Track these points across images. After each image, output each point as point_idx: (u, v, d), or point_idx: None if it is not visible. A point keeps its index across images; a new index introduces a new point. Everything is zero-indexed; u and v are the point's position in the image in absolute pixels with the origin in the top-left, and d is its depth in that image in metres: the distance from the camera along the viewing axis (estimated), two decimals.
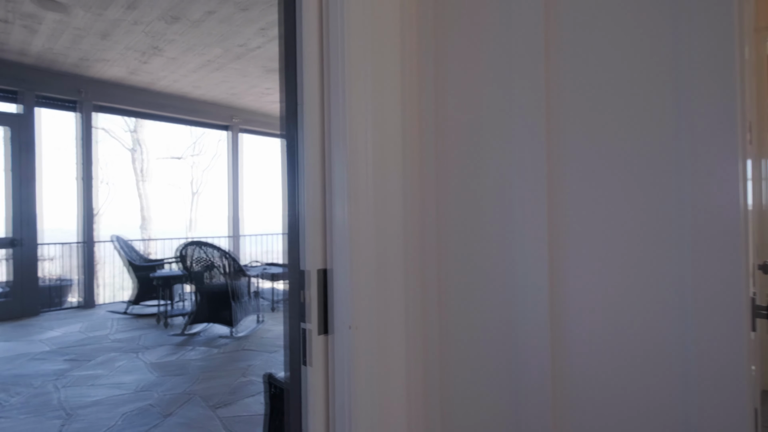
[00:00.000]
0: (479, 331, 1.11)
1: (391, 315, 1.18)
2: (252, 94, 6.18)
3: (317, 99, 1.14)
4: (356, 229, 1.09)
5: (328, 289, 1.13)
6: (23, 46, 4.51)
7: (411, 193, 1.23)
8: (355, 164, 1.09)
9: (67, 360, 3.63)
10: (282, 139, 1.28)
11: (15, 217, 5.05)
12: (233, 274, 4.12)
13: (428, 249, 1.23)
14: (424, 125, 1.22)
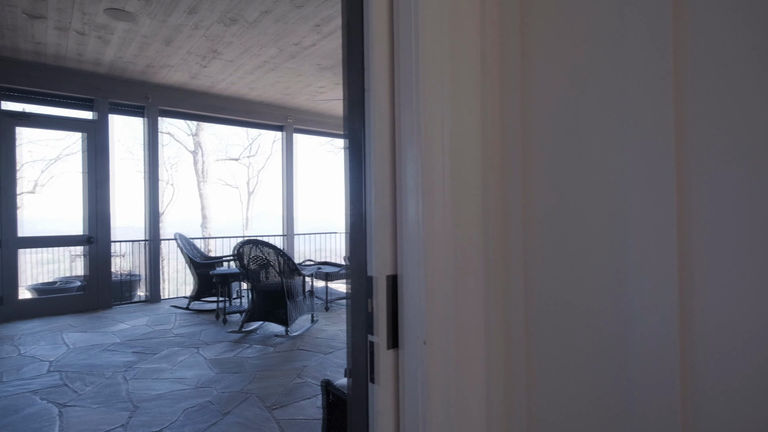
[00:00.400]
0: (577, 349, 0.94)
1: (470, 329, 1.03)
2: (305, 94, 6.23)
3: (386, 84, 1.02)
4: (430, 230, 0.96)
5: (398, 297, 1.01)
6: (97, 56, 4.80)
7: (492, 190, 1.07)
8: (430, 156, 0.95)
9: (135, 352, 3.79)
10: (344, 139, 1.18)
11: (90, 217, 5.40)
12: (288, 273, 4.13)
13: (512, 252, 1.07)
14: (508, 115, 1.06)
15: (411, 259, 0.98)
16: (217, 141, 22.51)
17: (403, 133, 0.98)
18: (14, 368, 3.42)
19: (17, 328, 4.59)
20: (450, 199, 0.99)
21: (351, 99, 1.20)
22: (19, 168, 13.73)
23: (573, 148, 0.92)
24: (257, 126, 7.04)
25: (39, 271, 9.38)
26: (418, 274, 0.96)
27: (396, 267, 1.02)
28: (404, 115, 0.98)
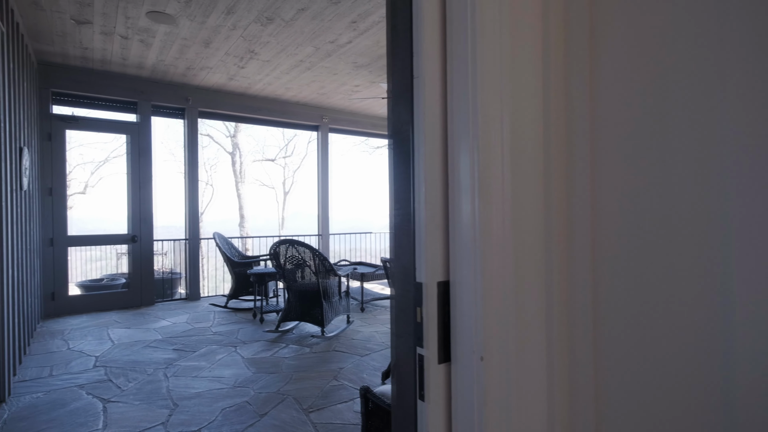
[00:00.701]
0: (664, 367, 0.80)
1: (531, 342, 0.91)
2: (341, 93, 6.20)
3: (437, 69, 0.91)
4: (487, 232, 0.85)
5: (451, 306, 0.90)
6: (140, 60, 4.94)
7: (554, 190, 0.95)
8: (488, 149, 0.84)
9: (175, 350, 3.86)
10: (388, 134, 1.08)
11: (134, 216, 5.58)
12: (324, 273, 4.10)
13: (578, 257, 0.94)
14: (574, 105, 0.93)
15: (465, 264, 0.87)
16: (254, 142, 23.06)
17: (457, 124, 0.88)
18: (63, 362, 3.55)
19: (67, 323, 4.79)
20: (509, 198, 0.87)
21: (396, 89, 1.10)
22: (70, 170, 14.46)
23: (658, 147, 0.78)
24: (293, 126, 7.09)
25: (90, 267, 9.85)
26: (473, 281, 0.86)
27: (448, 272, 0.92)
28: (457, 103, 0.88)
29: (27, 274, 4.01)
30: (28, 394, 2.94)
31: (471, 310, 0.84)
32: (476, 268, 0.84)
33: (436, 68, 0.92)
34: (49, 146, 5.10)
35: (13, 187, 3.34)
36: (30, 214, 4.22)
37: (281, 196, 18.23)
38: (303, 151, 19.87)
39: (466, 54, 0.86)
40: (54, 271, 5.11)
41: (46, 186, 5.08)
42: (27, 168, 3.86)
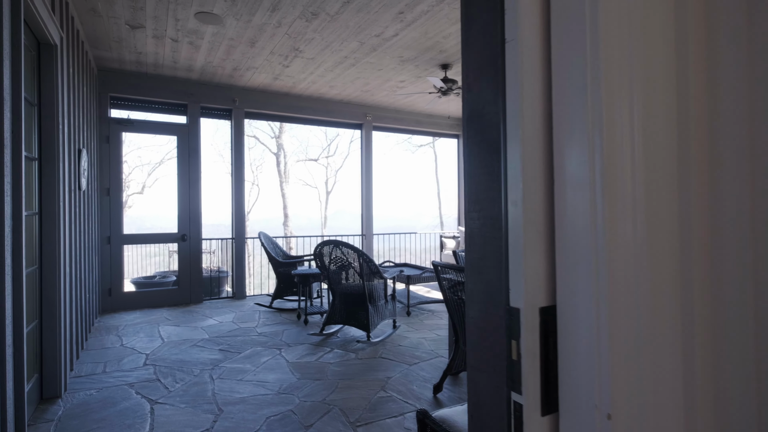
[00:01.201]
0: None
1: (667, 393, 0.69)
2: (385, 89, 6.04)
3: (537, 29, 0.71)
4: (614, 242, 0.63)
5: (559, 340, 0.70)
6: (190, 62, 5.01)
7: (695, 189, 0.72)
8: (613, 132, 0.63)
9: (221, 350, 3.84)
10: (464, 121, 0.89)
11: (183, 215, 5.70)
12: (369, 276, 3.95)
13: (727, 276, 0.70)
14: (722, 80, 0.69)
15: (580, 285, 0.66)
16: (297, 143, 23.48)
17: (567, 99, 0.67)
18: (116, 359, 3.61)
19: (121, 318, 4.94)
20: (642, 197, 0.65)
21: (475, 61, 0.90)
22: (130, 171, 15.19)
23: None
24: (336, 125, 7.02)
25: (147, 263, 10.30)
26: (594, 308, 0.64)
27: (552, 295, 0.71)
28: (567, 72, 0.66)
29: (85, 271, 4.14)
30: (82, 391, 2.98)
31: (590, 347, 0.63)
32: (599, 289, 0.62)
33: (536, 28, 0.71)
34: (107, 148, 5.28)
35: (72, 187, 3.42)
36: (89, 214, 4.36)
37: (323, 196, 18.40)
38: (345, 151, 19.97)
39: (582, 5, 0.65)
40: (111, 268, 5.30)
41: (104, 186, 5.27)
42: (85, 169, 3.98)
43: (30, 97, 2.72)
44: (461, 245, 7.24)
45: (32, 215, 2.74)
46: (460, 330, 2.79)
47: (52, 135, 2.89)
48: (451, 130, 7.90)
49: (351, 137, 17.79)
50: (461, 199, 8.14)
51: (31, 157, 2.73)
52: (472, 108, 0.89)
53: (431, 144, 18.66)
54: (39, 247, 2.84)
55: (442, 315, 5.05)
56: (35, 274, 2.77)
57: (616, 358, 0.61)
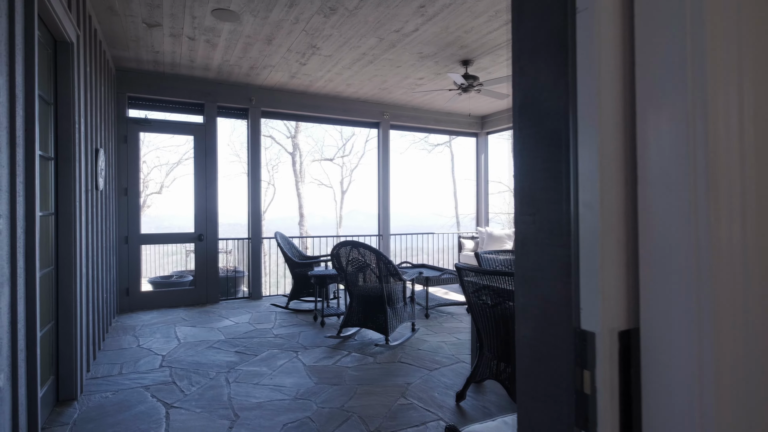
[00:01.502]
0: None
1: None
2: (403, 87, 5.92)
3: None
4: (718, 251, 0.51)
5: (643, 371, 0.58)
6: (207, 61, 4.97)
7: None
8: (717, 120, 0.51)
9: (237, 352, 3.78)
10: (514, 109, 0.77)
11: (200, 215, 5.68)
12: (388, 278, 3.84)
13: None
14: None
15: (674, 302, 0.54)
16: (312, 143, 23.53)
17: (659, 80, 0.55)
18: (132, 360, 3.58)
19: (139, 318, 4.93)
20: (754, 198, 0.53)
21: (529, 39, 0.78)
22: (149, 171, 15.36)
23: None
24: (353, 124, 6.93)
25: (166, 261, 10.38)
26: (694, 331, 0.52)
27: (635, 316, 0.59)
28: (658, 47, 0.54)
29: (103, 271, 4.12)
30: (98, 393, 2.95)
31: (687, 380, 0.51)
32: (700, 308, 0.50)
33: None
34: (125, 148, 5.29)
35: (88, 187, 3.39)
36: (106, 214, 4.35)
37: (338, 195, 18.36)
38: (360, 150, 19.92)
39: None
40: (128, 268, 5.30)
41: (121, 186, 5.27)
42: (103, 169, 3.96)
43: (46, 95, 2.68)
44: (480, 246, 7.08)
45: (48, 215, 2.70)
46: (485, 335, 2.66)
47: (68, 134, 2.86)
48: (470, 128, 7.73)
49: (367, 137, 17.71)
50: (481, 199, 7.97)
51: (47, 156, 2.69)
52: (526, 94, 0.77)
53: (448, 143, 18.46)
54: (55, 247, 2.81)
55: (462, 318, 4.91)
56: (51, 275, 2.74)
57: (722, 395, 0.49)
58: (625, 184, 0.57)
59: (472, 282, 2.60)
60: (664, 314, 0.54)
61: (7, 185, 1.76)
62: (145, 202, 14.21)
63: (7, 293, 1.75)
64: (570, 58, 0.60)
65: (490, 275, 2.42)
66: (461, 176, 18.92)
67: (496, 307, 2.49)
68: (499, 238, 6.76)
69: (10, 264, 1.79)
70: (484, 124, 7.78)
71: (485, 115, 7.73)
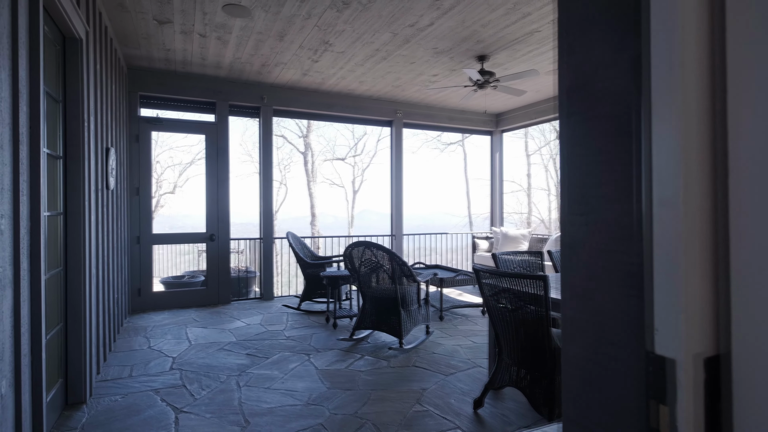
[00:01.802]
0: None
1: None
2: (416, 84, 5.81)
3: None
4: None
5: (736, 407, 0.46)
6: (218, 59, 4.92)
7: None
8: None
9: (248, 354, 3.71)
10: (560, 92, 0.66)
11: (211, 215, 5.64)
12: (402, 279, 3.73)
13: None
14: None
15: None
16: (324, 142, 23.53)
17: (756, 45, 0.43)
18: (143, 362, 3.53)
19: (150, 319, 4.90)
20: None
21: (587, 3, 0.67)
22: (162, 172, 15.46)
23: None
24: (366, 122, 6.83)
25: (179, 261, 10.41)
26: None
27: (726, 340, 0.47)
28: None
29: (114, 272, 4.10)
30: (107, 396, 2.90)
31: None
32: None
33: None
34: (136, 147, 5.27)
35: (98, 186, 3.35)
36: (117, 213, 4.33)
37: (350, 195, 18.31)
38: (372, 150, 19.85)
39: None
40: (140, 268, 5.29)
41: (133, 186, 5.25)
42: (113, 168, 3.93)
43: (54, 92, 2.64)
44: (494, 246, 6.93)
45: (56, 215, 2.66)
46: (504, 341, 2.53)
47: (77, 132, 2.81)
48: (484, 126, 7.58)
49: (379, 135, 17.62)
50: (496, 198, 7.81)
51: (56, 155, 2.65)
52: (576, 75, 0.65)
53: (460, 142, 18.27)
54: (64, 248, 2.77)
55: (477, 320, 4.78)
56: (59, 276, 2.70)
57: None
58: (713, 178, 0.46)
59: (491, 285, 2.47)
60: (764, 336, 0.42)
61: (10, 184, 1.70)
62: (159, 202, 14.32)
63: (10, 296, 1.69)
64: (643, 22, 0.49)
65: (511, 278, 2.30)
66: (473, 175, 18.72)
67: (516, 311, 2.36)
68: (514, 238, 6.60)
69: (13, 266, 1.73)
70: (499, 122, 7.62)
71: (500, 113, 7.57)
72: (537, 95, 6.37)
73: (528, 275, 2.18)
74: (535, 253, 3.51)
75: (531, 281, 2.20)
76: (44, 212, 2.00)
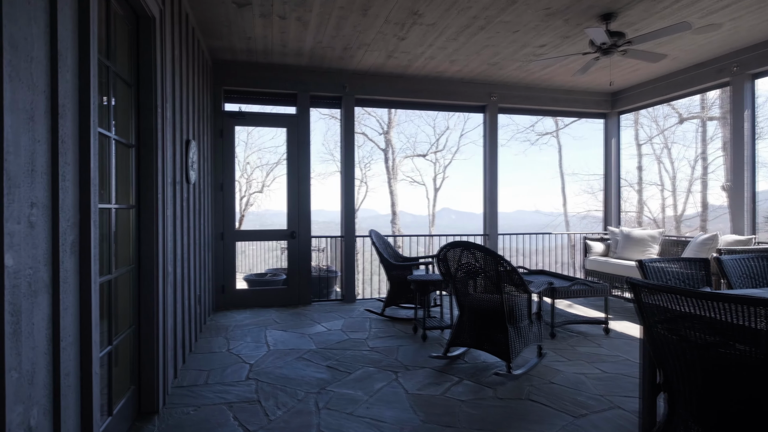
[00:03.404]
0: None
1: None
2: (517, 60, 5.03)
3: None
4: None
5: None
6: (299, 44, 4.60)
7: None
8: None
9: (329, 367, 3.29)
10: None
11: (292, 211, 5.38)
12: (509, 288, 3.05)
13: None
14: None
15: None
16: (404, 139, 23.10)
17: None
18: (220, 367, 3.26)
19: (232, 318, 4.75)
20: None
21: None
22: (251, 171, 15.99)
23: None
24: (456, 108, 6.17)
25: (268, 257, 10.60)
26: None
27: None
28: None
29: (197, 269, 3.94)
30: (180, 407, 2.62)
31: None
32: None
33: None
34: (220, 143, 5.17)
35: (177, 179, 3.14)
36: (200, 209, 4.18)
37: (431, 192, 17.65)
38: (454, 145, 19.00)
39: None
40: (224, 264, 5.19)
41: (217, 181, 5.17)
42: (195, 162, 3.75)
43: (126, 76, 2.39)
44: (613, 250, 5.86)
45: (128, 209, 2.42)
46: (683, 387, 1.76)
47: (150, 119, 2.55)
48: (596, 107, 6.49)
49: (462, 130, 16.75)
50: (611, 193, 6.68)
51: (127, 143, 2.40)
52: None
53: (554, 134, 16.70)
54: (137, 243, 2.53)
55: (599, 340, 3.91)
56: (130, 275, 2.46)
57: None
58: None
59: (662, 308, 1.72)
60: None
61: (47, 166, 1.37)
62: (249, 201, 14.90)
63: (46, 304, 1.37)
64: None
65: (706, 300, 1.53)
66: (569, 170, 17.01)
67: (710, 349, 1.59)
68: (639, 240, 5.49)
69: (51, 266, 1.40)
70: (616, 102, 6.48)
71: (617, 91, 6.44)
72: (672, 64, 5.20)
73: (744, 298, 1.41)
74: (697, 261, 2.62)
75: (746, 308, 1.42)
76: (96, 203, 1.69)
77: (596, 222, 17.62)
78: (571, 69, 5.34)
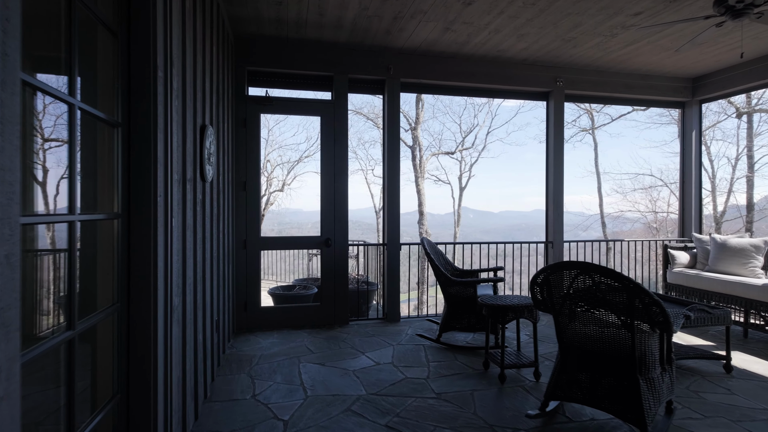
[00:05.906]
0: None
1: None
2: (599, 35, 4.11)
3: None
4: None
5: None
6: (340, 12, 3.78)
7: None
8: None
9: (389, 427, 2.45)
10: None
11: (327, 214, 4.57)
12: (645, 326, 2.17)
13: None
14: None
15: None
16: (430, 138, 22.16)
17: None
18: (244, 427, 2.45)
19: (257, 344, 3.95)
20: None
21: None
22: (272, 170, 15.30)
23: None
24: (515, 95, 5.27)
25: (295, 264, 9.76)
26: None
27: None
28: None
29: (213, 288, 3.15)
30: None
31: None
32: None
33: None
34: (243, 134, 4.39)
35: (187, 176, 2.34)
36: (219, 212, 3.40)
37: (456, 192, 16.71)
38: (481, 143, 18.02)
39: None
40: (246, 277, 4.40)
41: (239, 180, 4.38)
42: (211, 153, 2.96)
43: (110, 20, 1.61)
44: (700, 260, 4.89)
45: (110, 219, 1.62)
46: None
47: (144, 83, 1.75)
48: (674, 95, 5.51)
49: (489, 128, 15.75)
50: (690, 194, 5.68)
51: (109, 119, 1.61)
52: None
53: (589, 131, 15.59)
54: (127, 268, 1.73)
55: (722, 381, 2.99)
56: (114, 319, 1.66)
57: None
58: None
59: None
60: None
61: None
62: (269, 200, 14.20)
63: None
64: None
65: None
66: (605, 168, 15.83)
67: None
68: (738, 250, 4.51)
69: None
70: (697, 89, 5.49)
71: (699, 76, 5.45)
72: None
73: None
74: None
75: None
76: (18, 215, 0.88)
77: (627, 222, 16.42)
78: (660, 46, 4.39)
